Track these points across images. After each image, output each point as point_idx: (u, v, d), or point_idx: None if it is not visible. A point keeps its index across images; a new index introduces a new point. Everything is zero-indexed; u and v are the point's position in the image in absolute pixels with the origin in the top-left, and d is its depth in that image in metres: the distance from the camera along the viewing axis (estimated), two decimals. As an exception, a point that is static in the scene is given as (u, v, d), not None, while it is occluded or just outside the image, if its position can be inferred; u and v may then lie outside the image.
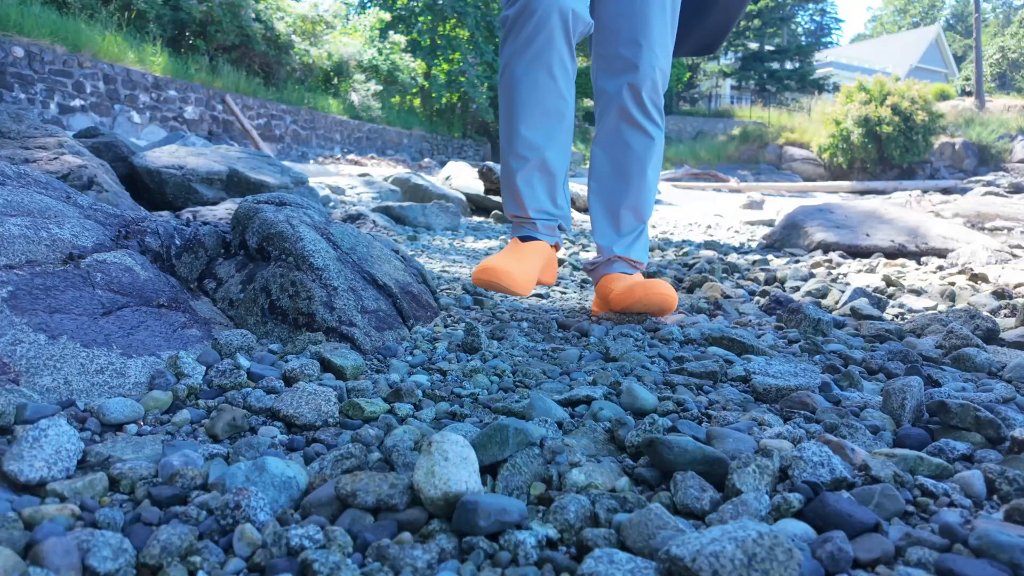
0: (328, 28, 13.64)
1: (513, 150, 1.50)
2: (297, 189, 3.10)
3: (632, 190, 1.57)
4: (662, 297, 1.39)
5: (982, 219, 4.78)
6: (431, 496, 0.58)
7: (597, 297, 1.63)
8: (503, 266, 1.37)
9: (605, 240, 1.60)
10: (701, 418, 0.89)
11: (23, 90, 7.53)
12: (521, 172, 1.51)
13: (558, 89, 1.46)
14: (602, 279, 1.59)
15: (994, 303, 1.80)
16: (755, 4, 27.25)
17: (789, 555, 0.47)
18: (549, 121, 1.48)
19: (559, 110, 1.48)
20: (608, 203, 1.60)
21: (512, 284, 1.36)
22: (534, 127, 1.47)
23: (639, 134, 1.54)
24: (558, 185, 1.57)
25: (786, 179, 17.41)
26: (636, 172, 1.57)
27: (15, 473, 0.61)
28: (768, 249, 3.58)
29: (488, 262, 1.38)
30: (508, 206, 1.59)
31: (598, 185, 1.62)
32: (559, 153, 1.53)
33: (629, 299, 1.42)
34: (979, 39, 22.11)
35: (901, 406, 0.88)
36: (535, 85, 1.44)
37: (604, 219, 1.61)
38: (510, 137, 1.51)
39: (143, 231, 1.27)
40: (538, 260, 1.50)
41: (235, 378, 0.93)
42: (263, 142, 10.80)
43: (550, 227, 1.58)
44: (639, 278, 1.52)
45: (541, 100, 1.45)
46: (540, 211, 1.55)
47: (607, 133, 1.57)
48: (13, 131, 2.11)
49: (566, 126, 1.53)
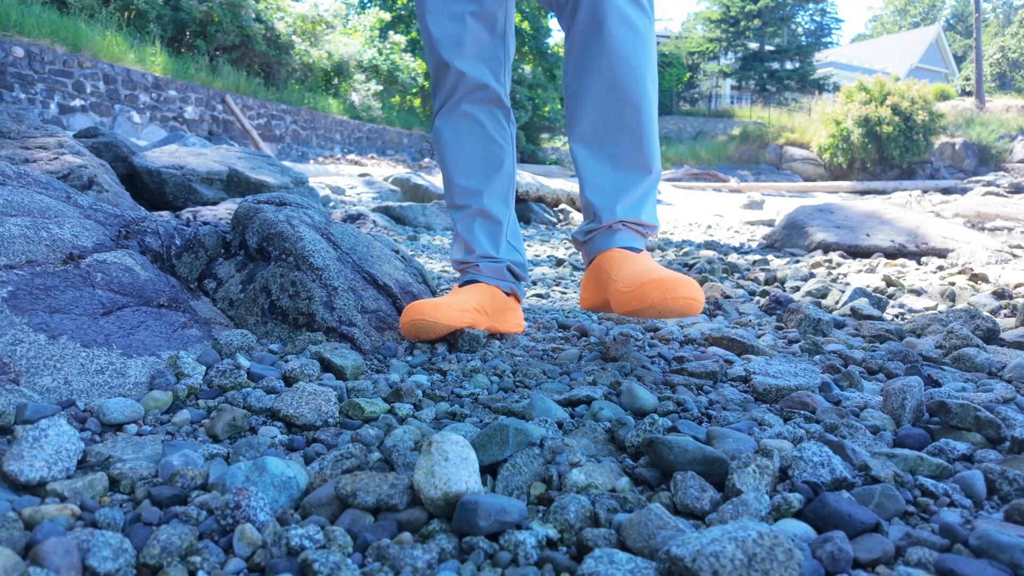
0: (328, 28, 13.64)
1: (452, 199, 1.40)
2: (297, 189, 3.10)
3: (629, 115, 1.17)
4: (686, 303, 1.00)
5: (982, 219, 4.78)
6: (431, 496, 0.58)
7: (589, 280, 1.26)
8: (423, 302, 1.19)
9: (601, 196, 1.21)
10: (701, 418, 0.89)
11: (23, 90, 7.53)
12: (461, 220, 1.39)
13: (487, 134, 1.35)
14: (599, 257, 1.22)
15: (994, 303, 1.80)
16: (755, 4, 27.27)
17: (789, 555, 0.47)
18: (483, 167, 1.36)
19: (492, 155, 1.36)
20: (598, 140, 1.21)
21: (435, 313, 1.16)
22: (467, 175, 1.36)
23: (624, 28, 1.14)
24: (502, 233, 1.40)
25: (786, 179, 17.42)
26: (631, 84, 1.15)
27: (15, 473, 0.61)
28: (768, 249, 3.58)
29: (410, 305, 1.19)
30: (454, 253, 1.43)
31: (581, 118, 1.22)
32: (499, 200, 1.39)
33: (640, 303, 1.02)
34: (979, 39, 22.11)
35: (901, 406, 0.88)
36: (459, 132, 1.34)
37: (596, 164, 1.22)
38: (447, 187, 1.41)
39: (143, 231, 1.27)
40: (475, 296, 1.30)
41: (235, 378, 0.93)
42: (263, 142, 10.80)
43: (496, 270, 1.39)
44: (647, 259, 1.15)
45: (471, 148, 1.35)
46: (483, 256, 1.38)
47: (579, 41, 1.18)
48: (13, 131, 2.11)
49: (505, 172, 1.39)
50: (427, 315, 1.15)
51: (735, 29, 28.27)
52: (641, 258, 1.15)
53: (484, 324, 1.30)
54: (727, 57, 29.99)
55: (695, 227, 5.34)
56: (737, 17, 28.03)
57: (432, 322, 1.16)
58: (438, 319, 1.16)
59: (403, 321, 1.18)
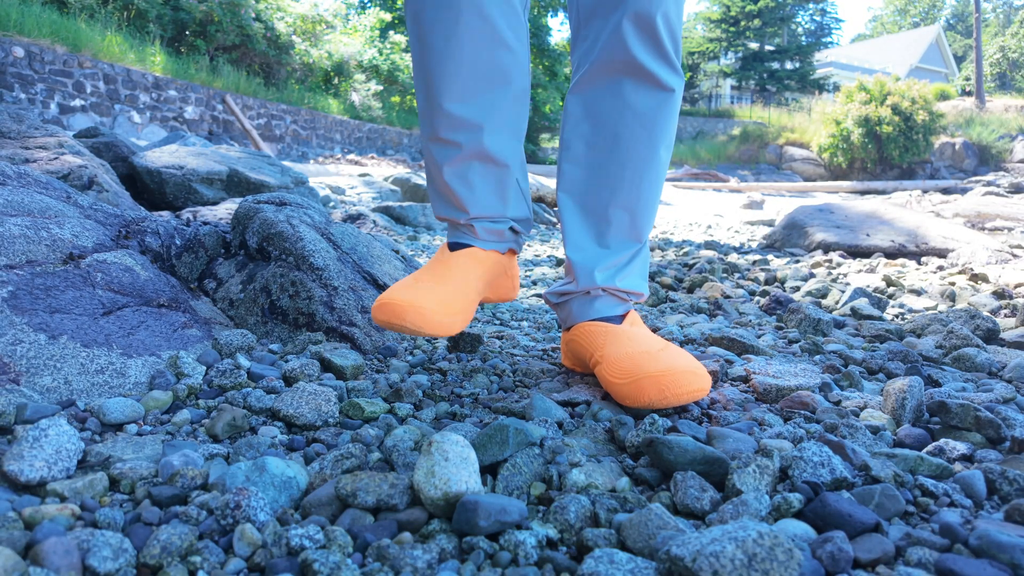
0: (328, 28, 13.65)
1: (435, 132, 0.99)
2: (297, 189, 3.10)
3: (629, 180, 0.99)
4: (689, 397, 0.86)
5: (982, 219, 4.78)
6: (431, 496, 0.58)
7: (567, 350, 1.08)
8: (406, 298, 0.90)
9: (581, 256, 1.03)
10: (701, 418, 0.89)
11: (23, 90, 7.53)
12: (450, 164, 1.01)
13: (497, 33, 0.94)
14: (576, 329, 1.04)
15: (994, 303, 1.80)
16: (755, 4, 27.27)
17: (789, 555, 0.47)
18: (487, 86, 0.97)
19: (502, 67, 0.97)
20: (589, 197, 1.02)
21: (421, 323, 0.89)
22: (464, 98, 0.96)
23: (647, 87, 0.95)
24: (510, 178, 1.06)
25: (786, 179, 17.42)
26: (640, 149, 0.98)
27: (15, 473, 0.61)
28: (768, 249, 3.58)
29: (388, 294, 0.91)
30: (437, 207, 1.09)
31: (575, 168, 1.03)
32: (507, 132, 1.02)
33: (635, 400, 0.87)
34: (979, 39, 22.10)
35: (901, 406, 0.88)
36: (457, 30, 0.92)
37: (581, 223, 1.04)
38: (430, 114, 0.99)
39: (143, 231, 1.27)
40: (470, 278, 1.02)
41: (235, 378, 0.93)
42: (263, 142, 10.80)
43: (496, 231, 1.08)
44: (633, 333, 0.97)
45: (472, 54, 0.93)
46: (482, 215, 1.05)
47: (594, 83, 0.98)
48: (13, 131, 2.11)
49: (516, 90, 1.01)
50: (409, 321, 0.89)
51: (735, 29, 28.28)
52: (625, 334, 0.97)
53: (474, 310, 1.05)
54: (727, 57, 30.01)
55: (695, 227, 5.34)
56: (737, 17, 28.04)
57: (415, 329, 0.90)
58: (423, 328, 0.90)
59: (376, 317, 0.91)
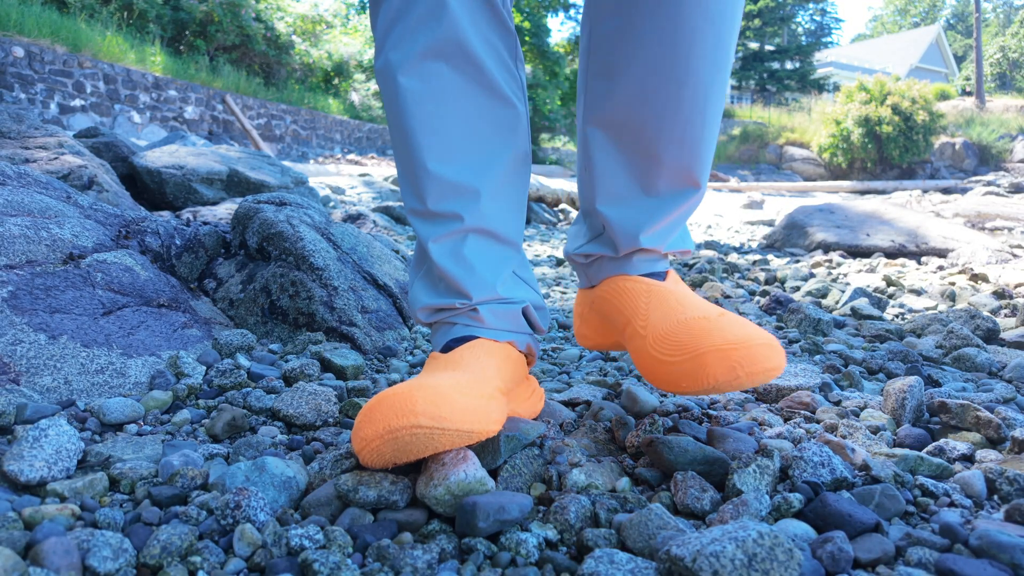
0: (328, 28, 13.65)
1: (422, 202, 0.77)
2: (297, 189, 3.10)
3: (689, 98, 0.72)
4: (765, 377, 0.67)
5: (982, 219, 4.78)
6: (433, 495, 0.58)
7: (591, 313, 0.91)
8: (422, 390, 0.59)
9: (620, 213, 0.80)
10: (702, 418, 0.89)
11: (23, 90, 7.53)
12: (438, 242, 0.78)
13: (488, 81, 0.76)
14: (606, 285, 0.84)
15: (994, 303, 1.80)
16: (755, 4, 27.27)
17: (789, 555, 0.47)
18: (481, 143, 0.77)
19: (498, 120, 0.78)
20: (631, 127, 0.77)
21: (445, 414, 0.58)
22: (453, 158, 0.76)
23: None
24: (513, 258, 0.84)
25: (786, 179, 17.42)
26: (706, 54, 0.71)
27: (15, 473, 0.61)
28: (768, 249, 3.58)
29: (389, 397, 0.59)
30: (421, 297, 0.81)
31: (608, 84, 0.77)
32: (509, 202, 0.82)
33: (696, 383, 0.68)
34: (979, 39, 22.11)
35: (901, 406, 0.88)
36: (436, 79, 0.74)
37: (622, 164, 0.79)
38: (412, 179, 0.77)
39: (143, 231, 1.27)
40: (487, 367, 0.72)
41: (235, 378, 0.93)
42: (263, 142, 10.80)
43: (509, 315, 0.80)
44: (684, 295, 0.77)
45: (460, 108, 0.75)
46: (489, 297, 0.79)
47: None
48: (13, 131, 2.11)
49: (517, 149, 0.81)
50: (426, 419, 0.57)
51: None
52: (674, 295, 0.77)
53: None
54: (727, 57, 29.96)
55: (695, 227, 5.34)
56: (737, 17, 28.01)
57: (443, 430, 0.58)
58: (451, 424, 0.58)
59: (375, 431, 0.57)
